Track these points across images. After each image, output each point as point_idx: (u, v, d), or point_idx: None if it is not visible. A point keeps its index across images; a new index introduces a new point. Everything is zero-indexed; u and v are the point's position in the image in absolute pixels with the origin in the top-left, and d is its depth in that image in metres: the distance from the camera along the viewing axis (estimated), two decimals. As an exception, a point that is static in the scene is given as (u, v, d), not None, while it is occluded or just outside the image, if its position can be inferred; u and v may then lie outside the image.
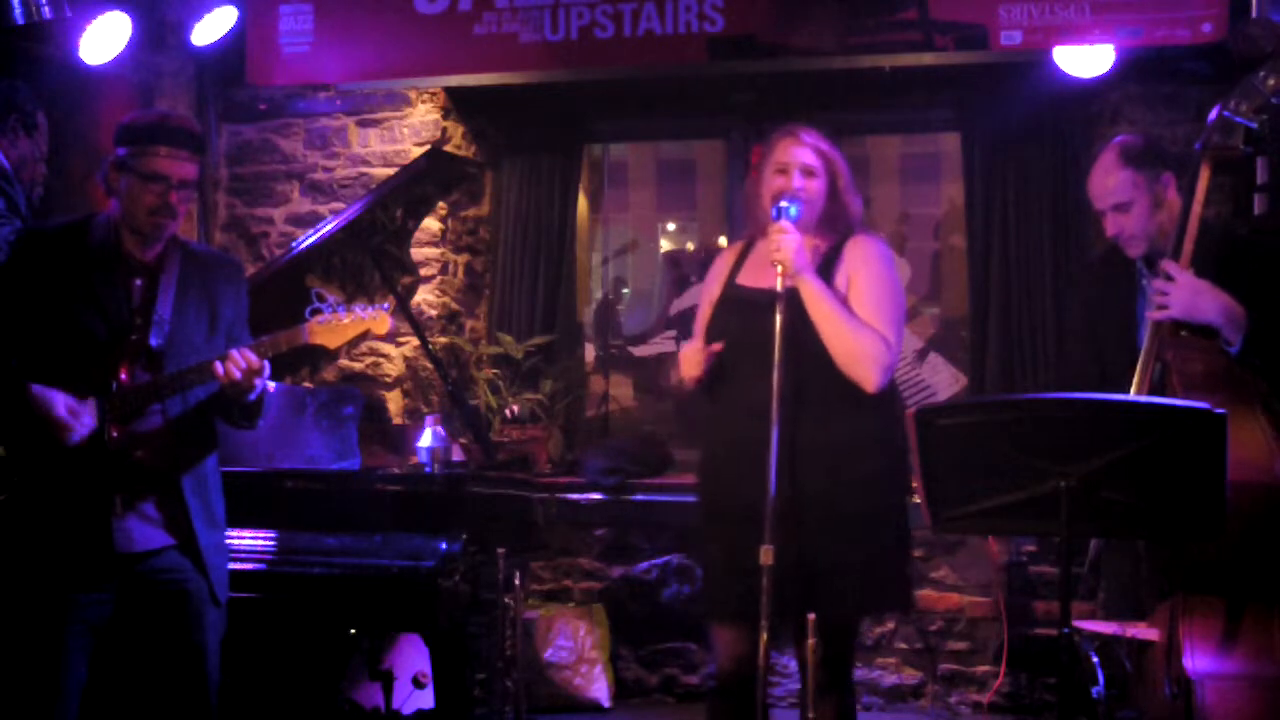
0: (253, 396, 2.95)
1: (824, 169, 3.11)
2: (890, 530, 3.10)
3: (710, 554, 3.17)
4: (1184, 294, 2.81)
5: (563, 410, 5.27)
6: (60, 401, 2.82)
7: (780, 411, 2.83)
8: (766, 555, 2.79)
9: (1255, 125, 2.81)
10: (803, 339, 2.98)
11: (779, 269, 2.91)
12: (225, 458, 3.19)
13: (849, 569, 3.01)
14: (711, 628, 3.23)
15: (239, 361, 2.85)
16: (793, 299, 2.94)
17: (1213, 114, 2.86)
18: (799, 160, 3.09)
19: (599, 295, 7.57)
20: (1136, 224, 3.04)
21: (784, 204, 3.00)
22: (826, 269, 3.08)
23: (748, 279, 3.17)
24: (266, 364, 2.91)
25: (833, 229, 3.15)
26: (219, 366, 2.85)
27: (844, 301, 3.03)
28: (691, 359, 3.12)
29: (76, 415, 2.82)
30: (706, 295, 3.28)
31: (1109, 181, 3.06)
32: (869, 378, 2.97)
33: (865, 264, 3.08)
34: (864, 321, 3.00)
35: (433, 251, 5.18)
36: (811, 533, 2.97)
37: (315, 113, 5.29)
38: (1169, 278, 2.84)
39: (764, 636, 2.82)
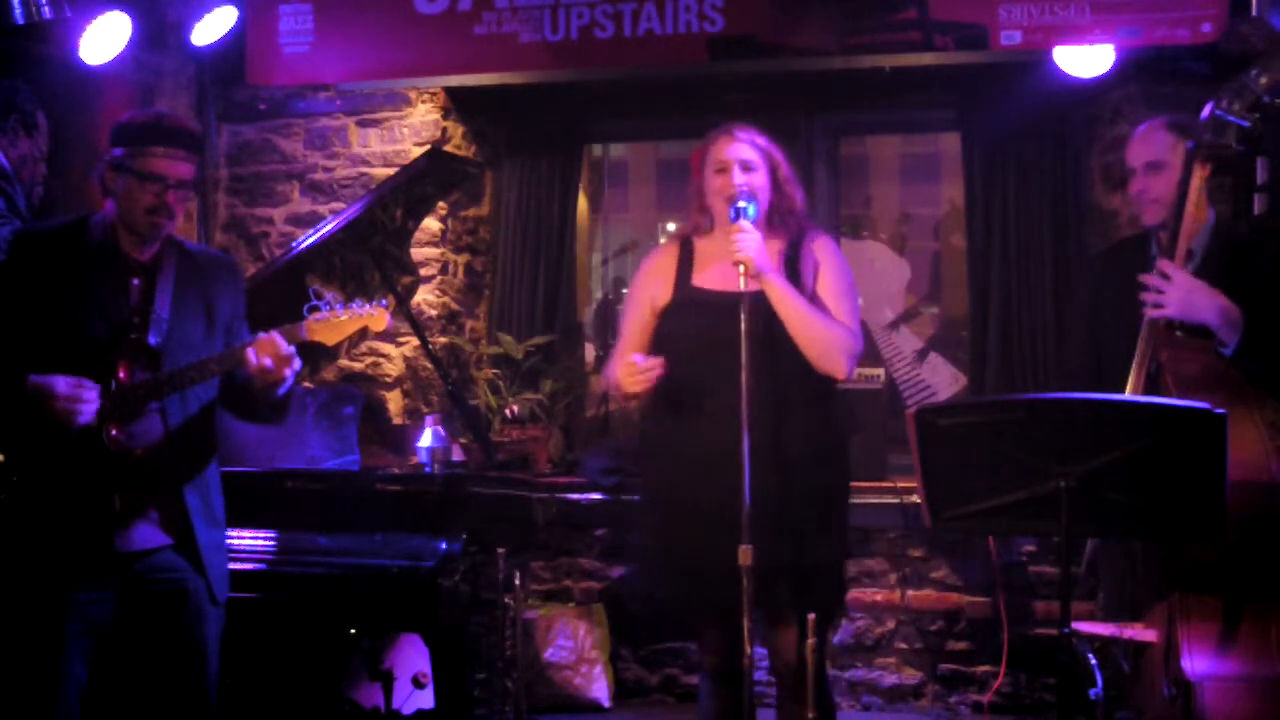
0: (283, 390, 2.95)
1: (763, 162, 3.15)
2: (844, 526, 3.21)
3: (693, 555, 3.14)
4: (1180, 293, 2.82)
5: (563, 410, 5.27)
6: (59, 386, 2.80)
7: (750, 413, 2.83)
8: (745, 555, 2.80)
9: (1248, 124, 2.81)
10: (770, 339, 3.00)
11: (741, 270, 2.92)
12: (225, 458, 3.20)
13: (827, 565, 3.08)
14: (699, 624, 3.24)
15: (269, 348, 2.84)
16: (756, 300, 2.94)
17: (1205, 112, 2.87)
18: (737, 156, 3.12)
19: (599, 295, 7.57)
20: (1164, 186, 3.05)
21: (741, 204, 3.02)
22: (792, 269, 3.13)
23: (707, 281, 3.17)
24: (295, 353, 2.89)
25: (784, 225, 3.19)
26: (251, 355, 2.84)
27: (809, 297, 3.08)
28: (639, 377, 3.02)
29: (77, 398, 2.80)
30: (646, 300, 3.24)
31: (1149, 140, 3.10)
32: (840, 367, 3.06)
33: (828, 262, 3.17)
34: (830, 314, 3.08)
35: (433, 251, 5.18)
36: (794, 531, 3.01)
37: (315, 113, 5.29)
38: (1165, 277, 2.84)
39: (747, 637, 2.83)
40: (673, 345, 3.13)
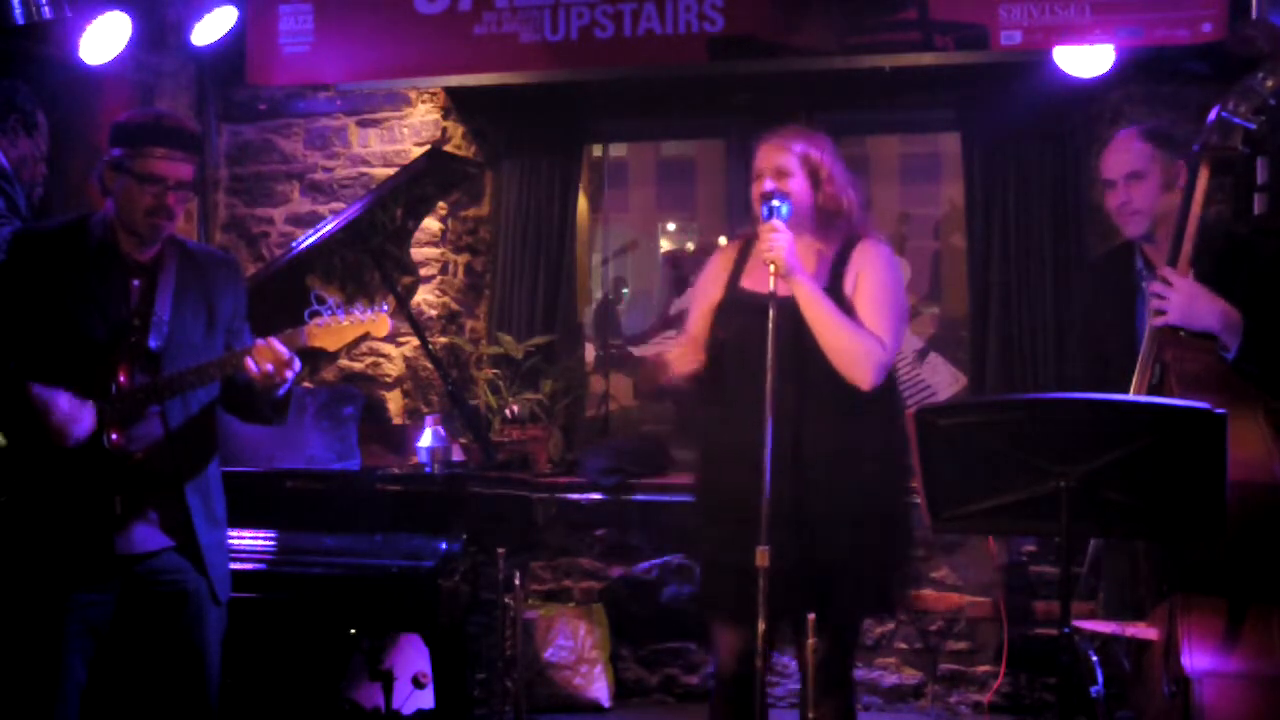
0: (283, 391, 2.96)
1: (800, 167, 3.12)
2: (890, 531, 3.14)
3: (710, 554, 3.17)
4: (1181, 299, 2.81)
5: (563, 410, 5.27)
6: (60, 403, 2.82)
7: (776, 413, 2.82)
8: (762, 557, 2.79)
9: (1254, 126, 2.81)
10: (805, 341, 3.00)
11: (771, 268, 2.91)
12: (226, 458, 3.19)
13: (849, 570, 3.05)
14: (712, 626, 3.24)
15: (268, 354, 2.84)
16: (786, 302, 2.94)
17: (1211, 115, 2.86)
18: (771, 164, 3.11)
19: (599, 295, 7.57)
20: (1145, 198, 3.05)
21: (775, 203, 3.00)
22: (836, 274, 3.11)
23: (751, 283, 3.17)
24: (295, 356, 2.89)
25: (832, 228, 3.15)
26: (251, 362, 2.84)
27: (842, 302, 3.05)
28: (686, 356, 3.13)
29: (74, 418, 2.82)
30: (703, 296, 3.27)
31: (1127, 151, 3.10)
32: (863, 376, 3.01)
33: (869, 268, 3.12)
34: (857, 322, 3.03)
35: (433, 251, 5.18)
36: (814, 534, 2.99)
37: (315, 113, 5.29)
38: (1167, 283, 2.84)
39: (761, 637, 2.82)
40: (718, 344, 3.15)
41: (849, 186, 3.18)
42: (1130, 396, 2.83)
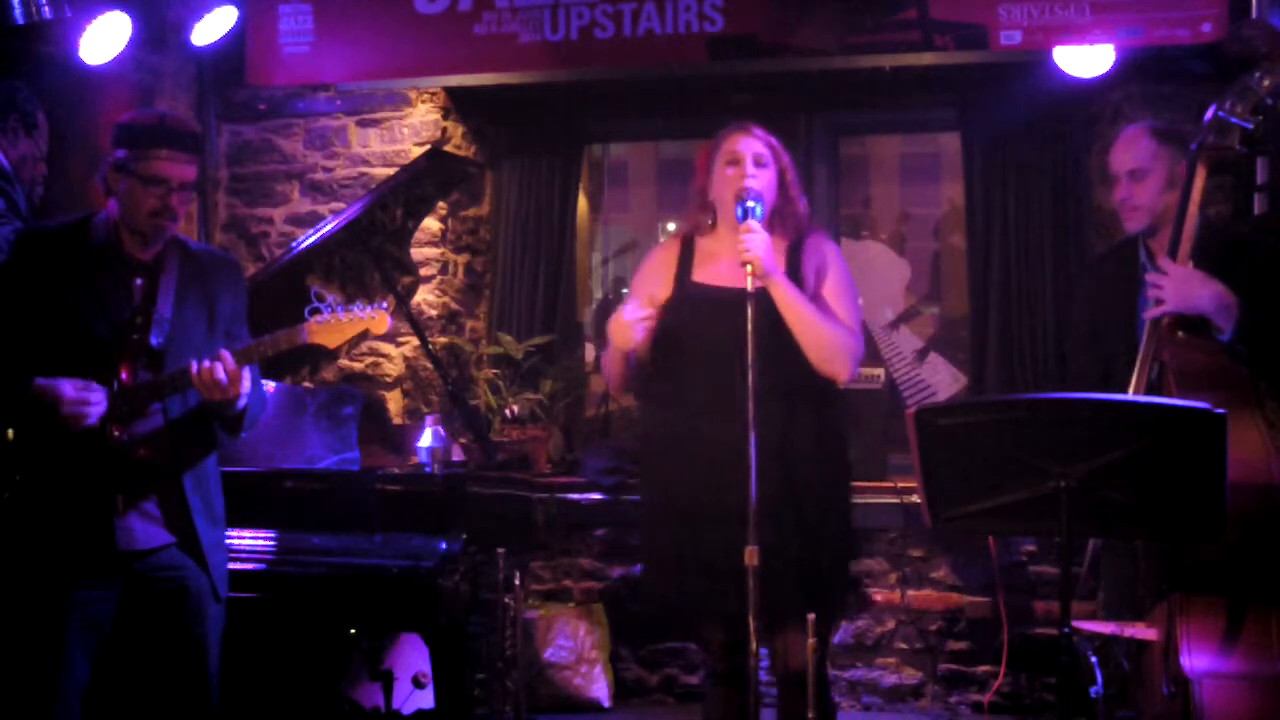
0: (237, 408, 2.94)
1: (773, 160, 3.16)
2: (849, 524, 3.22)
3: (691, 553, 3.12)
4: (1175, 284, 2.83)
5: (563, 410, 5.27)
6: (67, 387, 2.82)
7: (755, 411, 2.82)
8: (751, 555, 2.79)
9: (1250, 126, 2.81)
10: (774, 339, 3.00)
11: (749, 269, 2.91)
12: (225, 458, 3.20)
13: (828, 566, 3.09)
14: (701, 625, 3.24)
15: (215, 368, 2.83)
16: (761, 299, 2.94)
17: (1208, 114, 2.87)
18: (751, 149, 3.13)
19: (599, 295, 7.57)
20: (1147, 194, 3.08)
21: (750, 204, 3.01)
22: (793, 269, 3.13)
23: (707, 278, 3.17)
24: (246, 373, 2.89)
25: (785, 226, 3.18)
26: (194, 366, 2.83)
27: (812, 299, 3.08)
28: (632, 324, 3.02)
29: (85, 400, 2.82)
30: (644, 295, 3.19)
31: (1132, 147, 3.13)
32: (842, 370, 3.06)
33: (828, 264, 3.17)
34: (834, 317, 3.07)
35: (433, 251, 5.18)
36: (790, 532, 3.01)
37: (315, 113, 5.29)
38: (1162, 272, 2.86)
39: (753, 636, 2.82)
40: (672, 342, 3.12)
41: (802, 192, 3.24)
42: (1130, 396, 2.83)
